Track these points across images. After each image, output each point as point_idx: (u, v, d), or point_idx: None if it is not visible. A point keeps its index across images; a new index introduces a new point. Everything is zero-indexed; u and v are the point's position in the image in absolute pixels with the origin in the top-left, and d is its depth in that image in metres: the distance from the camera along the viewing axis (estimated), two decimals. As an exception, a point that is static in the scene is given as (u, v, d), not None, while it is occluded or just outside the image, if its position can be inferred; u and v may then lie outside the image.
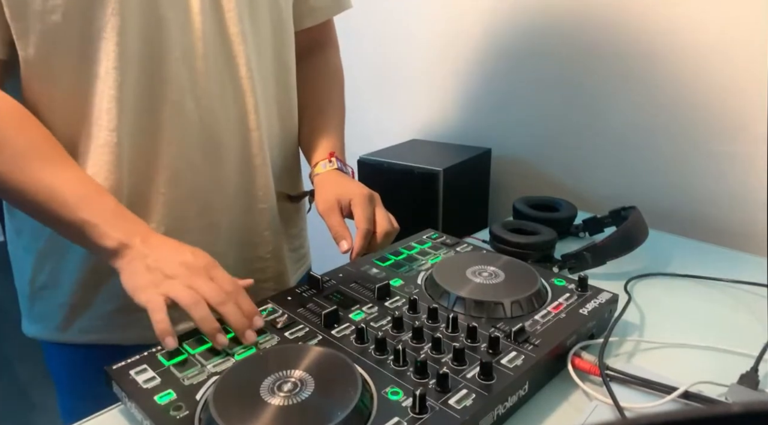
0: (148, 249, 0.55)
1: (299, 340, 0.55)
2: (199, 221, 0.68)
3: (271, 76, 0.73)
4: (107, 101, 0.58)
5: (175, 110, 0.62)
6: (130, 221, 0.58)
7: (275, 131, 0.76)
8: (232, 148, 0.68)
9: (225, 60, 0.65)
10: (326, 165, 0.77)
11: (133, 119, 0.61)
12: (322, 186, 0.74)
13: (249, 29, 0.67)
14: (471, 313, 0.60)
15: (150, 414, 0.45)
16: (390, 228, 0.69)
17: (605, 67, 1.11)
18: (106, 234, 0.55)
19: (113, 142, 0.60)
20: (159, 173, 0.64)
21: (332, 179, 0.75)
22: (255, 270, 0.75)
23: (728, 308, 0.71)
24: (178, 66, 0.61)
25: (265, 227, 0.75)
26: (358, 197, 0.69)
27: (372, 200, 0.70)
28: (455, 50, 1.34)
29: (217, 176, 0.68)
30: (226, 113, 0.67)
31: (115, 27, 0.56)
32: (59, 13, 0.55)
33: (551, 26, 1.16)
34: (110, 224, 0.56)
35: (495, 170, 1.33)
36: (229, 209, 0.70)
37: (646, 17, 1.03)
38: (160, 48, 0.60)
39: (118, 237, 0.55)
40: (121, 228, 0.56)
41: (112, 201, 0.58)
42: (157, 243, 0.57)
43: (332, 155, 0.77)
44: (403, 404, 0.46)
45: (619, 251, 0.79)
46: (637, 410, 0.51)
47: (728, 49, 0.96)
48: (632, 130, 1.10)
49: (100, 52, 0.57)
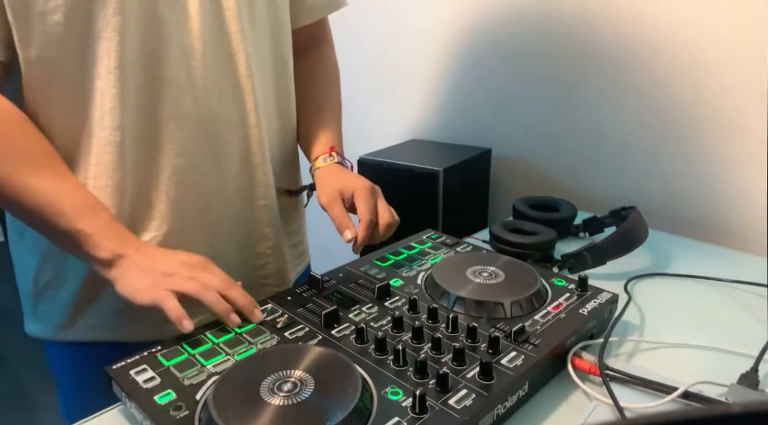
0: (142, 257, 0.57)
1: (299, 340, 0.55)
2: (200, 218, 0.68)
3: (270, 74, 0.73)
4: (109, 100, 0.59)
5: (175, 108, 0.63)
6: (124, 233, 0.59)
7: (274, 128, 0.76)
8: (232, 145, 0.69)
9: (224, 58, 0.65)
10: (327, 159, 0.77)
11: (135, 118, 0.61)
12: (324, 179, 0.75)
13: (248, 27, 0.67)
14: (471, 313, 0.60)
15: (150, 414, 0.45)
16: (392, 220, 0.70)
17: (605, 67, 1.11)
18: (101, 244, 0.56)
19: (116, 141, 0.60)
20: (161, 170, 0.64)
21: (334, 173, 0.75)
22: (256, 267, 0.76)
23: (728, 308, 0.71)
24: (177, 65, 0.62)
25: (266, 224, 0.75)
26: (361, 189, 0.70)
27: (374, 193, 0.71)
28: (455, 50, 1.34)
29: (218, 174, 0.68)
30: (226, 111, 0.67)
31: (116, 27, 0.57)
32: (60, 14, 0.55)
33: (551, 26, 1.16)
34: (104, 235, 0.57)
35: (495, 170, 1.33)
36: (229, 206, 0.71)
37: (647, 17, 1.03)
38: (159, 47, 0.60)
39: (113, 248, 0.56)
40: (115, 239, 0.57)
41: (107, 214, 0.59)
42: (151, 251, 0.59)
43: (332, 150, 0.78)
44: (403, 404, 0.46)
45: (619, 251, 0.79)
46: (637, 410, 0.51)
47: (728, 49, 0.96)
48: (632, 130, 1.10)
49: (101, 51, 0.57)
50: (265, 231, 0.75)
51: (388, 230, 0.69)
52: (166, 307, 0.53)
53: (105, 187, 0.62)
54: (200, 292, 0.55)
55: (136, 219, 0.65)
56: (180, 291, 0.55)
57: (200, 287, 0.55)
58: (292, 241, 0.84)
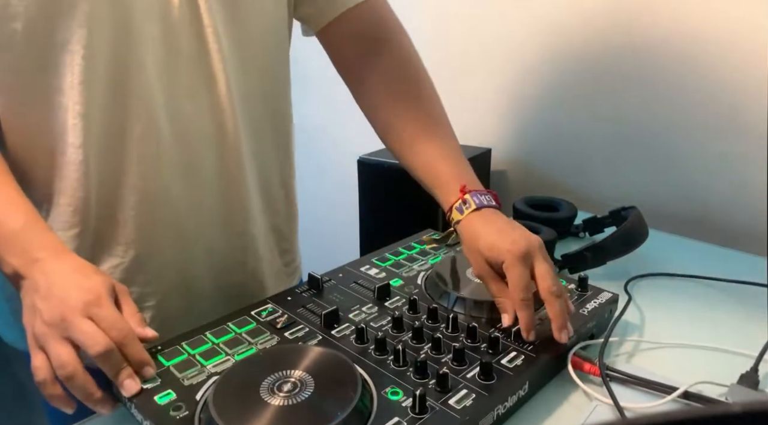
0: (42, 279, 0.49)
1: (299, 340, 0.55)
2: (172, 244, 0.64)
3: (258, 93, 0.68)
4: (72, 117, 0.55)
5: (146, 128, 0.58)
6: (34, 243, 0.51)
7: (267, 151, 0.71)
8: (208, 169, 0.64)
9: (203, 77, 0.61)
10: (462, 209, 0.62)
11: (101, 136, 0.57)
12: (467, 243, 0.61)
13: (231, 45, 0.62)
14: (471, 313, 0.60)
15: (150, 414, 0.45)
16: (553, 286, 0.55)
17: (605, 67, 1.11)
18: (2, 259, 0.51)
19: (79, 159, 0.56)
20: (128, 193, 0.60)
21: (476, 231, 0.60)
22: (232, 296, 0.71)
23: (728, 308, 0.71)
24: (150, 82, 0.57)
25: (242, 251, 0.70)
26: (510, 259, 0.56)
27: (527, 258, 0.56)
28: (455, 50, 1.34)
29: (192, 198, 0.64)
30: (202, 132, 0.63)
31: (81, 39, 0.53)
32: (20, 22, 0.51)
33: (551, 26, 1.16)
34: (8, 248, 0.51)
35: (495, 170, 1.33)
36: (203, 232, 0.66)
37: (646, 17, 1.03)
38: (131, 62, 0.56)
39: (14, 264, 0.51)
40: (19, 253, 0.51)
41: (21, 218, 0.52)
42: (55, 268, 0.50)
43: (464, 191, 0.63)
44: (403, 404, 0.46)
45: (619, 251, 0.79)
46: (637, 410, 0.51)
47: (728, 49, 0.96)
48: (632, 130, 1.10)
49: (64, 65, 0.53)
50: (241, 259, 0.70)
51: (553, 298, 0.54)
52: (32, 366, 0.47)
53: (67, 206, 0.58)
54: (57, 369, 0.46)
55: (101, 243, 0.61)
56: (50, 358, 0.47)
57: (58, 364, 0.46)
58: (285, 259, 0.79)
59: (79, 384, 0.46)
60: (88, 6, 0.52)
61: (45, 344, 0.47)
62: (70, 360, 0.46)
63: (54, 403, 0.48)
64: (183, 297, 0.67)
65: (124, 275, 0.62)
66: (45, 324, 0.47)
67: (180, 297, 0.67)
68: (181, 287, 0.66)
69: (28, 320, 0.49)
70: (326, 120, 1.70)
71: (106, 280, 0.51)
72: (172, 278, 0.65)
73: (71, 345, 0.47)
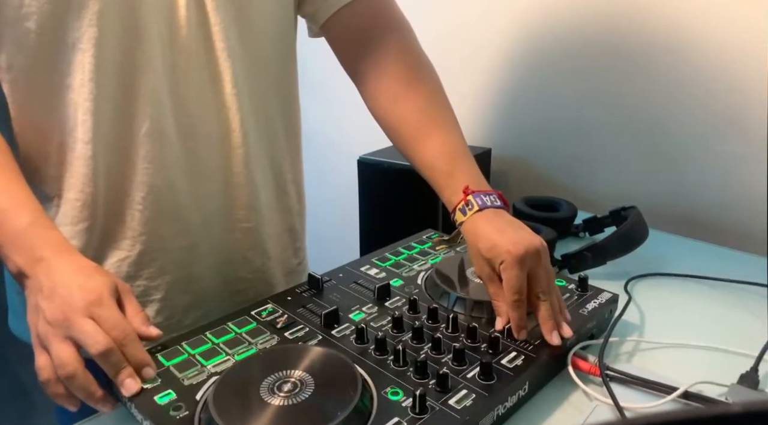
0: (46, 278, 0.49)
1: (299, 340, 0.55)
2: (177, 240, 0.65)
3: (272, 91, 0.69)
4: (82, 113, 0.56)
5: (153, 125, 0.60)
6: (39, 242, 0.51)
7: (278, 147, 0.72)
8: (213, 166, 0.65)
9: (210, 76, 0.62)
10: (465, 210, 0.61)
11: (110, 133, 0.59)
12: (470, 244, 0.61)
13: (237, 44, 0.63)
14: (471, 313, 0.60)
15: (150, 414, 0.45)
16: (546, 286, 0.56)
17: (605, 66, 1.11)
18: (8, 257, 0.51)
19: (88, 155, 0.58)
20: (135, 189, 0.61)
21: (478, 232, 0.60)
22: (236, 291, 0.71)
23: (728, 308, 0.71)
24: (157, 80, 0.59)
25: (248, 248, 0.71)
26: (508, 260, 0.56)
27: (524, 262, 0.56)
28: (454, 50, 1.34)
29: (197, 195, 0.65)
30: (208, 129, 0.64)
31: (92, 38, 0.54)
32: (33, 21, 0.53)
33: (551, 26, 1.16)
34: (13, 246, 0.51)
35: (495, 170, 1.33)
36: (208, 228, 0.67)
37: (646, 17, 1.03)
38: (140, 61, 0.57)
39: (18, 263, 0.51)
40: (24, 251, 0.51)
41: (27, 217, 0.52)
42: (59, 267, 0.50)
43: (467, 191, 0.62)
44: (403, 404, 0.46)
45: (619, 251, 0.79)
46: (637, 410, 0.51)
47: (728, 48, 0.95)
48: (632, 130, 1.10)
49: (75, 63, 0.55)
50: (246, 255, 0.71)
51: (540, 302, 0.56)
52: (36, 365, 0.48)
53: (76, 201, 0.60)
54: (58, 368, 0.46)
55: (108, 237, 0.62)
56: (52, 358, 0.47)
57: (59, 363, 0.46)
58: (298, 258, 0.80)
59: (80, 384, 0.46)
60: (98, 6, 0.54)
61: (47, 343, 0.48)
62: (70, 360, 0.46)
63: (58, 401, 0.48)
64: (189, 292, 0.68)
65: (131, 269, 0.64)
66: (48, 324, 0.48)
67: (186, 292, 0.67)
68: (187, 281, 0.67)
69: (31, 319, 0.50)
70: (326, 120, 1.70)
71: (109, 280, 0.51)
72: (178, 273, 0.66)
73: (73, 344, 0.47)
